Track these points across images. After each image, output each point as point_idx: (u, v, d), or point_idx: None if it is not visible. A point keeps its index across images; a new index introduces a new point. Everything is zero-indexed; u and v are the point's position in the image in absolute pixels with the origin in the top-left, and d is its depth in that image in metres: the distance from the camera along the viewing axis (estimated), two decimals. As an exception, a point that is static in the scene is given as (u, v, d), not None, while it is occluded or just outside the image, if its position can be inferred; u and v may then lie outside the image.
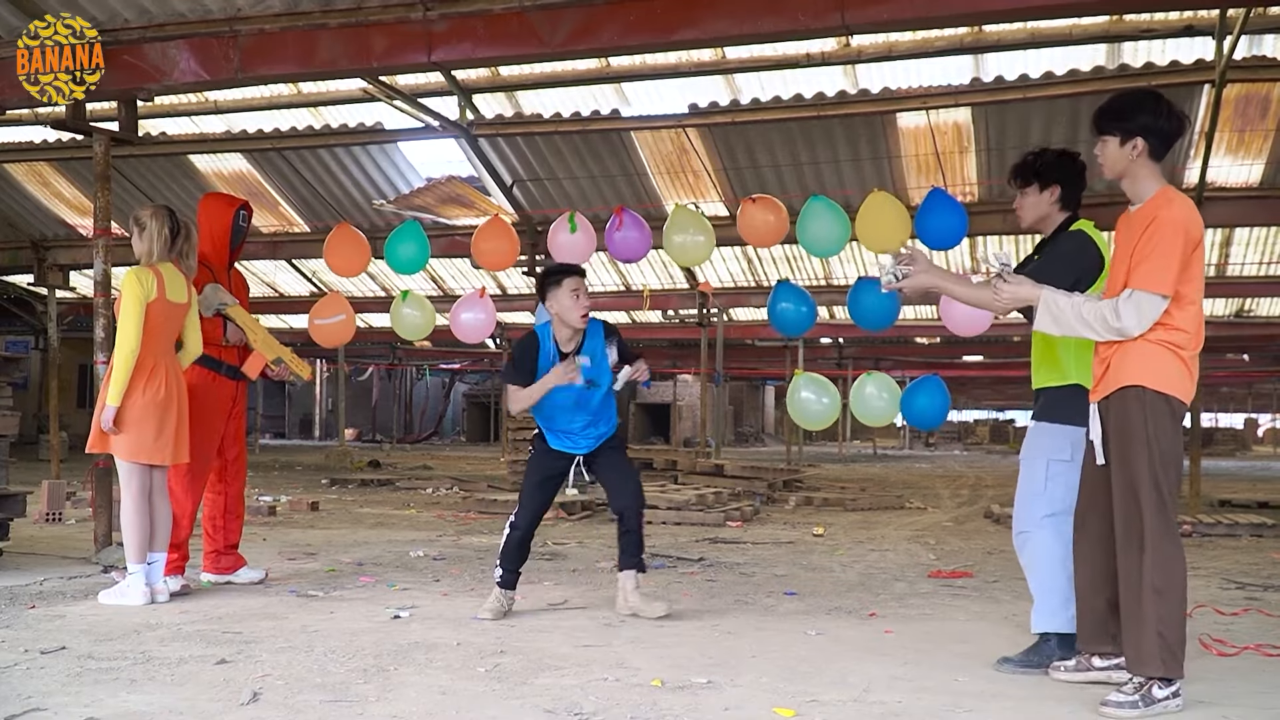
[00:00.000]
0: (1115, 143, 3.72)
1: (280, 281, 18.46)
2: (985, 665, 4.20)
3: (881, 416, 5.88)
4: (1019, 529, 4.26)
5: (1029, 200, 4.29)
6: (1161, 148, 3.69)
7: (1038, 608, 4.19)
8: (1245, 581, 6.48)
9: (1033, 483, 4.19)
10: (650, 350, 28.03)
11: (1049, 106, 10.21)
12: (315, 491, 12.93)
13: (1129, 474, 3.63)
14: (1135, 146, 3.67)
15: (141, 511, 5.25)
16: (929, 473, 20.02)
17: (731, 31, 6.05)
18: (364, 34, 6.62)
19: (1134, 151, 3.68)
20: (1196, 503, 10.84)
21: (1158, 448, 3.59)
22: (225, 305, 5.77)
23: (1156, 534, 3.58)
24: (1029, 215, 4.31)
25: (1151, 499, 3.58)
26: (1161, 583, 3.57)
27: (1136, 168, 3.71)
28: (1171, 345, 3.60)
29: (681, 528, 9.36)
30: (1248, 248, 14.58)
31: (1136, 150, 3.68)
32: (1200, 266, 3.66)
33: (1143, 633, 3.56)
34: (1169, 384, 3.61)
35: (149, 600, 5.19)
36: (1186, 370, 3.64)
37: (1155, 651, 3.52)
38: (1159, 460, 3.58)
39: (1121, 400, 3.65)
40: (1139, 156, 3.68)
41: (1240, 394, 40.30)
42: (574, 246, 6.44)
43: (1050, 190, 4.24)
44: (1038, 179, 4.25)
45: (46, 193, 14.60)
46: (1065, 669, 4.00)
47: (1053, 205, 4.25)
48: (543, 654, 4.28)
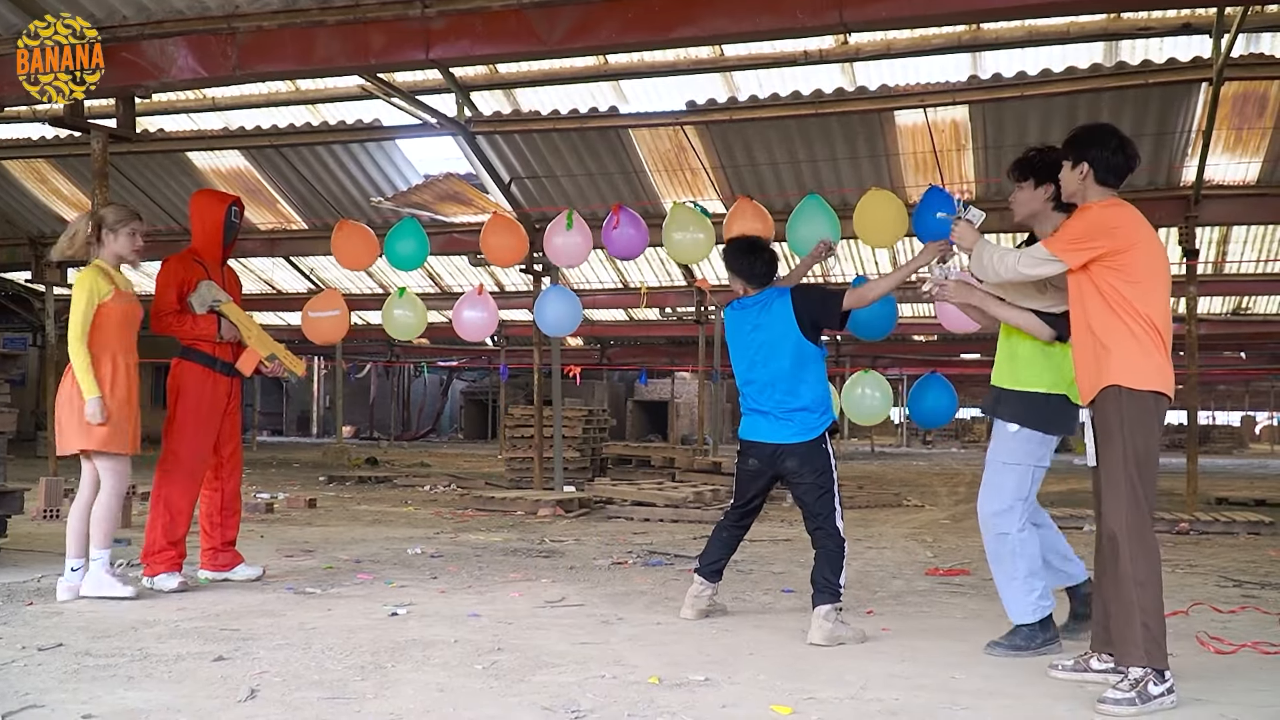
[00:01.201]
0: (1067, 166, 3.99)
1: (278, 279, 18.46)
2: (982, 663, 4.21)
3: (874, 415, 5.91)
4: (1000, 530, 4.36)
5: (1023, 195, 4.41)
6: (1111, 178, 3.93)
7: (1017, 600, 4.34)
8: (1242, 579, 6.49)
9: (1019, 488, 4.34)
10: (648, 348, 28.09)
11: (1046, 104, 10.22)
12: (313, 489, 12.94)
13: (1110, 472, 3.77)
14: (1082, 171, 3.94)
15: (120, 502, 5.33)
16: (926, 470, 20.03)
17: (729, 29, 6.05)
18: (362, 31, 6.62)
19: (1081, 177, 3.95)
20: (1193, 501, 10.84)
21: (1132, 446, 3.72)
22: (219, 302, 5.76)
23: (1134, 529, 3.70)
24: (1021, 210, 4.44)
25: (1128, 495, 3.71)
26: (1143, 575, 3.67)
27: (1087, 192, 3.96)
28: (1147, 336, 3.75)
29: (679, 525, 9.36)
30: (1245, 245, 14.61)
31: (1084, 175, 3.94)
32: (1158, 262, 3.85)
33: (1129, 624, 3.64)
34: (1147, 380, 3.75)
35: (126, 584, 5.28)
36: (1166, 362, 3.79)
37: (1140, 642, 3.61)
38: (1134, 459, 3.71)
39: (1103, 401, 3.80)
40: (1086, 180, 3.94)
41: (1237, 392, 40.33)
42: (571, 244, 6.44)
43: (1044, 188, 4.35)
44: (1034, 175, 4.36)
45: (44, 189, 14.59)
46: (1063, 668, 4.03)
47: (1045, 203, 4.37)
48: (540, 651, 4.28)
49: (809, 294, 4.93)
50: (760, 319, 4.89)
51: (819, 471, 4.78)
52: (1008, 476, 4.35)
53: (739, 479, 5.06)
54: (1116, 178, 3.93)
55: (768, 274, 4.99)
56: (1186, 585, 6.24)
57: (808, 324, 4.83)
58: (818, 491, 4.77)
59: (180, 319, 5.71)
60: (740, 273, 5.02)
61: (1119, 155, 3.91)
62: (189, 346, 5.78)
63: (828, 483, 4.79)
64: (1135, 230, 3.84)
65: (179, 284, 5.74)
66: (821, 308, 4.87)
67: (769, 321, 4.87)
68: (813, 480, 4.78)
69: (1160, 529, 9.14)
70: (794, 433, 4.80)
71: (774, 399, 4.85)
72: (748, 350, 4.95)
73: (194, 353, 5.79)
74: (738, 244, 5.09)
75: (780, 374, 4.83)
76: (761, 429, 4.90)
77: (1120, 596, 3.69)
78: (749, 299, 4.99)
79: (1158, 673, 3.57)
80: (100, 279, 5.27)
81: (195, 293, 5.73)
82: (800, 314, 4.82)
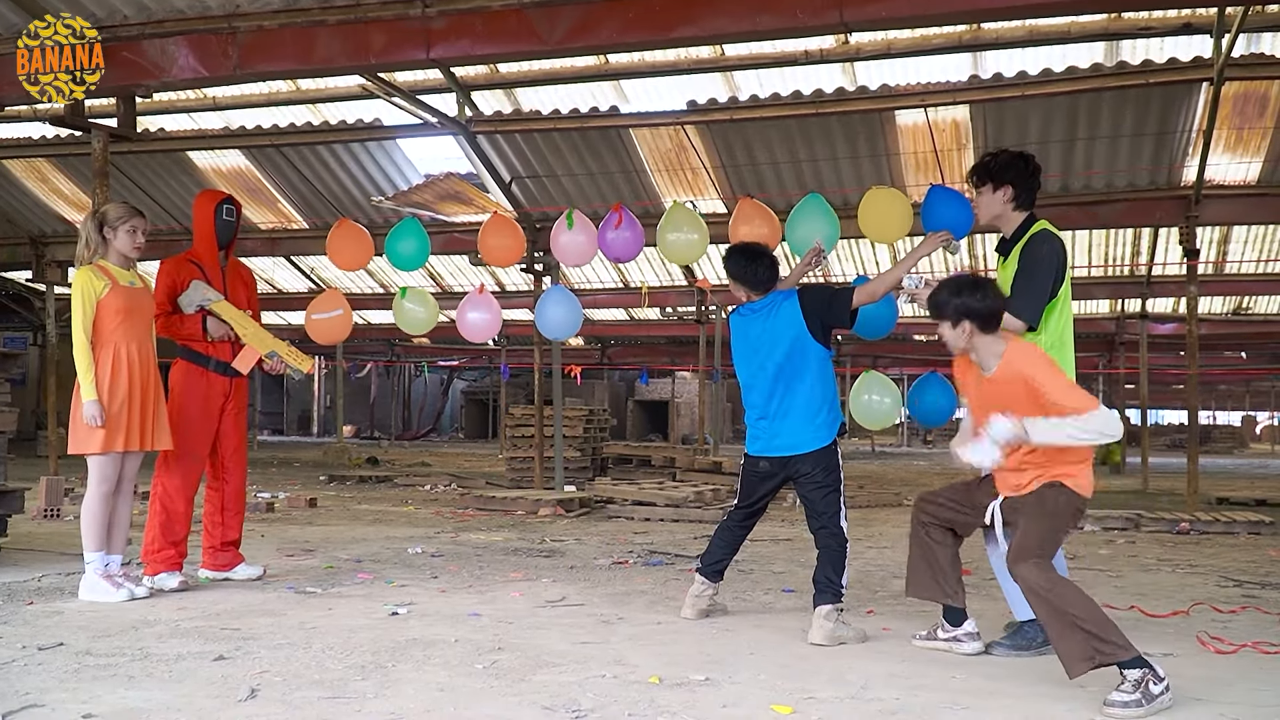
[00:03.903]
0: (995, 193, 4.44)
1: (279, 278, 18.46)
2: (983, 663, 4.22)
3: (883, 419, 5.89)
4: None
5: (984, 199, 4.55)
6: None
7: (1018, 598, 4.36)
8: (1243, 579, 6.49)
9: None
10: (648, 347, 28.10)
11: (1047, 104, 10.22)
12: (313, 488, 12.94)
13: (1030, 523, 3.99)
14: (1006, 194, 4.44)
15: (106, 503, 5.31)
16: (927, 470, 20.02)
17: (730, 29, 6.05)
18: (363, 31, 6.62)
19: (966, 333, 4.08)
20: (1194, 500, 10.84)
21: (1050, 525, 3.96)
22: (209, 301, 5.76)
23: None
24: (984, 214, 4.59)
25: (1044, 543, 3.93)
26: (1059, 591, 3.75)
27: (975, 342, 4.08)
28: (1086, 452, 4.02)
29: (680, 525, 9.36)
30: (1245, 245, 14.62)
31: (967, 332, 4.08)
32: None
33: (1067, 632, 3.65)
34: (1085, 487, 4.02)
35: (119, 589, 5.23)
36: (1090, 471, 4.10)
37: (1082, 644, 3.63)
38: (1048, 535, 3.95)
39: (1044, 490, 4.03)
40: (972, 335, 4.08)
41: (1238, 391, 40.34)
42: (572, 244, 6.43)
43: (1003, 190, 4.48)
44: (992, 179, 4.50)
45: (45, 189, 14.59)
46: (920, 637, 4.52)
47: (1006, 205, 4.50)
48: (540, 651, 4.28)
49: (817, 294, 4.92)
50: (768, 323, 4.88)
51: (828, 470, 4.79)
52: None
53: (747, 480, 5.04)
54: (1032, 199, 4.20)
55: (770, 279, 4.98)
56: (1187, 585, 6.24)
57: (817, 325, 4.82)
58: (825, 490, 4.78)
59: (169, 320, 5.73)
60: (742, 279, 5.00)
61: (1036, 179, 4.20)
62: (183, 346, 5.81)
63: (835, 482, 4.80)
64: None
65: (170, 286, 5.76)
66: (830, 307, 4.86)
67: (778, 325, 4.85)
68: (822, 479, 4.79)
69: (1161, 529, 9.14)
70: (807, 440, 4.80)
71: (784, 404, 4.84)
72: (756, 355, 4.92)
73: (187, 353, 5.80)
74: (739, 250, 5.06)
75: (790, 378, 4.82)
76: (774, 443, 4.87)
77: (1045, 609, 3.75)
78: (755, 304, 4.97)
79: (1152, 671, 3.56)
80: (94, 277, 5.27)
81: (184, 293, 5.75)
82: (809, 315, 4.81)
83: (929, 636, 4.51)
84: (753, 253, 5.02)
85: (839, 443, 4.87)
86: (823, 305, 4.85)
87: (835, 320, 4.86)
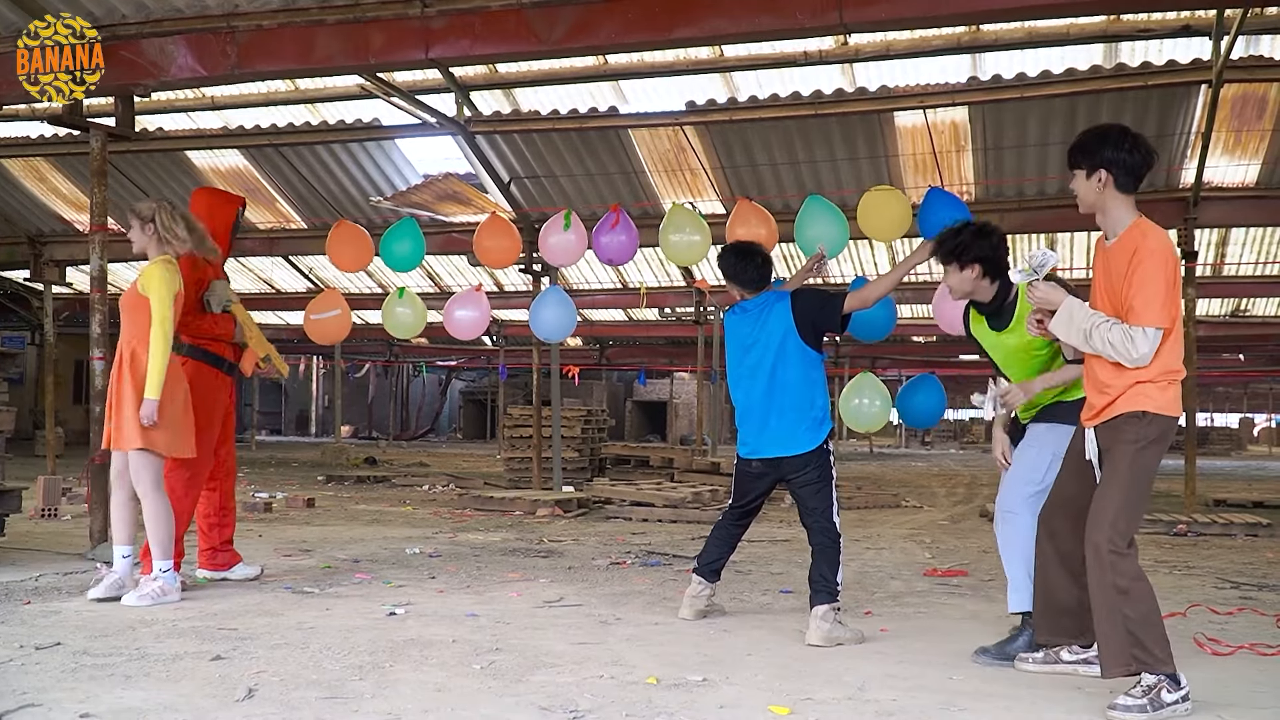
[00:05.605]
0: (1082, 176, 3.86)
1: (277, 278, 18.43)
2: (981, 665, 4.21)
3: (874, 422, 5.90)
4: (1007, 508, 4.39)
5: (954, 279, 4.43)
6: (1129, 180, 3.79)
7: (1015, 588, 4.32)
8: (1240, 581, 6.50)
9: (1033, 470, 4.34)
10: (647, 348, 28.07)
11: (1046, 106, 10.22)
12: (311, 488, 12.93)
13: (1108, 487, 3.71)
14: (1100, 179, 3.79)
15: (168, 504, 5.28)
16: (925, 471, 20.03)
17: (729, 29, 6.05)
18: (361, 30, 6.62)
19: (1100, 185, 3.80)
20: (1192, 502, 10.84)
21: (1139, 465, 3.68)
22: (230, 302, 5.77)
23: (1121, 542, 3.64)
24: (957, 291, 4.48)
25: (1123, 511, 3.65)
26: (1125, 582, 3.59)
27: (1105, 200, 3.81)
28: (1171, 377, 3.72)
29: (678, 525, 9.36)
30: (1244, 248, 14.61)
31: (1102, 183, 3.79)
32: (1180, 295, 3.78)
33: (1113, 631, 3.58)
34: (1169, 408, 3.72)
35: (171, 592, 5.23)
36: (1178, 395, 3.79)
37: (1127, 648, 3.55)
38: (1135, 481, 3.67)
39: (1123, 423, 3.72)
40: (1105, 189, 3.79)
41: (1236, 393, 40.36)
42: (565, 244, 6.43)
43: (971, 268, 4.37)
44: (958, 259, 4.37)
45: (43, 188, 14.57)
46: (1034, 660, 4.11)
47: (978, 281, 4.38)
48: (538, 651, 4.28)
49: (809, 298, 4.92)
50: (760, 323, 4.89)
51: (820, 468, 4.80)
52: (1024, 454, 4.39)
53: (740, 480, 5.05)
54: (1136, 180, 3.80)
55: (762, 278, 4.98)
56: (1184, 587, 6.25)
57: (808, 328, 4.83)
58: (816, 487, 4.79)
59: (200, 318, 5.68)
60: (734, 277, 5.01)
61: (1135, 154, 3.75)
62: (196, 345, 5.72)
63: (826, 478, 4.81)
64: (1178, 260, 3.78)
65: (195, 283, 5.68)
66: (821, 311, 4.86)
67: (769, 326, 4.86)
68: (813, 477, 4.80)
69: (1158, 530, 9.14)
70: (796, 442, 4.80)
71: (773, 405, 4.84)
72: (748, 355, 4.93)
73: (204, 353, 5.74)
74: (731, 248, 5.08)
75: (780, 379, 4.82)
76: (763, 445, 4.87)
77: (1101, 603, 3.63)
78: (748, 303, 4.98)
79: (1172, 679, 3.51)
80: (175, 272, 5.23)
81: (211, 291, 5.72)
82: (800, 318, 4.82)
83: (1049, 660, 4.12)
84: (745, 251, 5.02)
85: (830, 442, 4.88)
86: (814, 309, 4.86)
87: (826, 324, 4.88)
